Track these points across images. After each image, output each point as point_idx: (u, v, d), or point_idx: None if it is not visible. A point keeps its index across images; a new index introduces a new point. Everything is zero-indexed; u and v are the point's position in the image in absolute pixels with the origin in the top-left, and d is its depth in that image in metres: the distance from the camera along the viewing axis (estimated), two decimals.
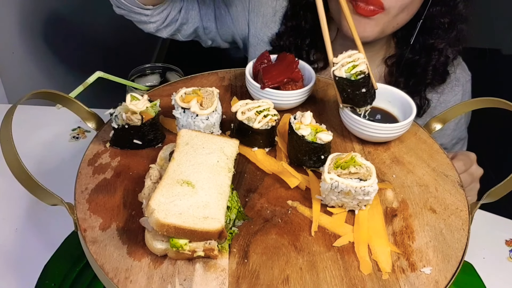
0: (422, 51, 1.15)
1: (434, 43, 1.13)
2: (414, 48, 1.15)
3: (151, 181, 0.69)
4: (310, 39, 1.20)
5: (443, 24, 1.11)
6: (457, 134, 1.29)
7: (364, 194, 0.68)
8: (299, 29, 1.20)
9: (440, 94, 1.22)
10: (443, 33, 1.13)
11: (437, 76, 1.18)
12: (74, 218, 0.67)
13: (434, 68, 1.16)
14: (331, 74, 0.80)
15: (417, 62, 1.16)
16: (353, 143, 0.85)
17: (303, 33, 1.20)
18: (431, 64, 1.15)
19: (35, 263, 0.87)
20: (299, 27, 1.19)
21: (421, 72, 1.17)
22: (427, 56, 1.15)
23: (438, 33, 1.13)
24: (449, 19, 1.11)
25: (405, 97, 0.87)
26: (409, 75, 1.17)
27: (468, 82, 1.26)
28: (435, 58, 1.15)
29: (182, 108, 0.78)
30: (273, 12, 1.24)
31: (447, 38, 1.13)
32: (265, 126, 0.78)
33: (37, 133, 1.21)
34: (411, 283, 0.63)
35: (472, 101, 0.85)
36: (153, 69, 1.14)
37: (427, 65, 1.16)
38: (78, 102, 0.79)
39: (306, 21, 1.18)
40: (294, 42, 1.21)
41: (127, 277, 0.60)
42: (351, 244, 0.67)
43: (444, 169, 0.81)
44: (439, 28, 1.12)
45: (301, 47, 1.20)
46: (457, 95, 1.23)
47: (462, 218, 0.72)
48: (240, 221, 0.69)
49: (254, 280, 0.61)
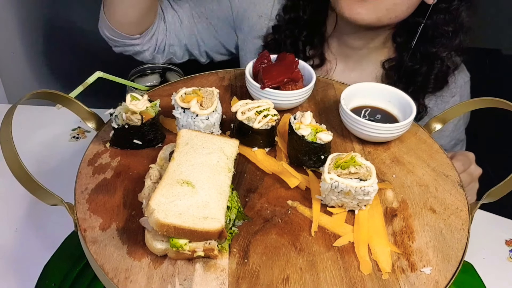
0: (424, 59, 1.15)
1: (437, 52, 1.13)
2: (415, 56, 1.15)
3: (151, 181, 0.69)
4: (307, 32, 1.20)
5: (447, 32, 1.11)
6: (455, 135, 1.29)
7: (364, 194, 0.68)
8: (298, 21, 1.20)
9: (437, 97, 1.22)
10: (446, 42, 1.12)
11: (438, 84, 1.18)
12: (74, 218, 0.67)
13: (436, 77, 1.16)
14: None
15: (417, 71, 1.16)
16: (353, 143, 0.85)
17: (301, 24, 1.20)
18: (433, 73, 1.15)
19: (35, 263, 0.87)
20: (298, 18, 1.19)
21: (422, 81, 1.16)
22: (429, 65, 1.15)
23: (442, 42, 1.12)
24: (452, 27, 1.11)
25: (405, 97, 0.87)
26: (409, 82, 1.17)
27: (466, 83, 1.26)
28: (437, 67, 1.15)
29: (182, 108, 0.78)
30: (258, 16, 1.24)
31: (450, 47, 1.13)
32: (265, 126, 0.78)
33: (37, 133, 1.21)
34: (411, 283, 0.63)
35: (472, 101, 0.85)
36: (153, 69, 1.14)
37: (429, 74, 1.15)
38: (78, 102, 0.79)
39: (305, 12, 1.18)
40: (291, 35, 1.21)
41: (127, 277, 0.60)
42: (351, 244, 0.67)
43: (444, 169, 0.81)
44: (443, 37, 1.12)
45: (298, 39, 1.20)
46: (455, 96, 1.23)
47: (462, 218, 0.72)
48: (240, 221, 0.69)
49: (254, 280, 0.61)
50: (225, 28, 1.26)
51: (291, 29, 1.21)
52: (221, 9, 1.24)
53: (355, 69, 1.24)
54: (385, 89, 0.89)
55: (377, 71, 1.23)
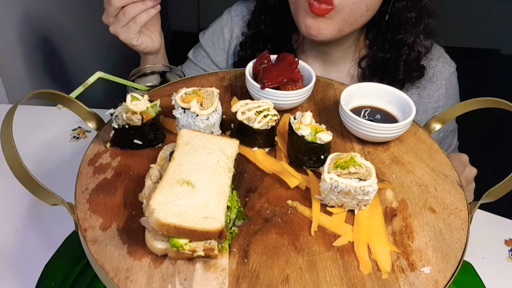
0: (392, 48, 1.17)
1: (403, 38, 1.14)
2: (384, 47, 1.17)
3: (151, 181, 0.69)
4: (271, 44, 1.23)
5: (410, 18, 1.13)
6: (444, 127, 1.30)
7: (363, 194, 0.68)
8: (261, 35, 1.24)
9: (421, 89, 1.23)
10: (410, 28, 1.14)
11: (411, 71, 1.19)
12: (75, 218, 0.67)
13: (406, 63, 1.17)
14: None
15: (388, 60, 1.18)
16: (353, 143, 0.85)
17: (265, 38, 1.24)
18: (402, 59, 1.17)
19: (35, 263, 0.88)
20: (261, 32, 1.23)
21: (393, 69, 1.18)
22: (397, 52, 1.17)
23: (406, 28, 1.14)
24: (415, 13, 1.13)
25: (405, 97, 0.87)
26: (383, 74, 1.19)
27: (452, 74, 1.26)
28: (405, 53, 1.16)
29: (182, 108, 0.78)
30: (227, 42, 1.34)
31: (415, 33, 1.14)
32: (265, 126, 0.78)
33: (38, 133, 1.22)
34: (410, 282, 0.63)
35: (472, 101, 0.85)
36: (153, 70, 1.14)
37: (398, 61, 1.17)
38: (79, 102, 0.79)
39: (267, 26, 1.21)
40: (257, 48, 1.24)
41: (128, 277, 0.60)
42: (350, 244, 0.67)
43: (444, 169, 0.81)
44: (407, 23, 1.13)
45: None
46: (440, 89, 1.24)
47: (462, 218, 0.72)
48: (240, 221, 0.69)
49: (254, 280, 0.61)
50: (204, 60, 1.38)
51: (256, 43, 1.25)
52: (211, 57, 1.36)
53: (333, 71, 1.26)
54: (385, 89, 0.90)
55: (354, 71, 1.25)
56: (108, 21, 1.09)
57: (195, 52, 1.39)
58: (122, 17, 1.06)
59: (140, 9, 1.06)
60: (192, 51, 1.40)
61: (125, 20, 1.07)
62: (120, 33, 1.09)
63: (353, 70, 1.25)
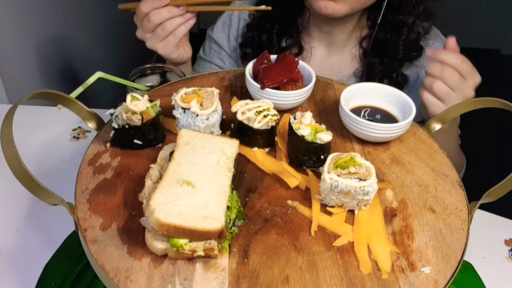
0: (393, 28, 1.20)
1: (403, 19, 1.18)
2: (385, 27, 1.21)
3: (151, 181, 0.69)
4: (279, 25, 1.25)
5: (410, 0, 1.17)
6: None
7: (363, 194, 0.68)
8: (268, 16, 1.25)
9: (420, 68, 1.25)
10: (411, 9, 1.18)
11: (410, 51, 1.22)
12: (75, 218, 0.67)
13: (405, 43, 1.21)
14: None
15: (388, 40, 1.21)
16: (353, 143, 0.85)
17: (272, 19, 1.25)
18: (402, 39, 1.20)
19: (35, 263, 0.87)
20: (268, 13, 1.22)
21: (393, 49, 1.21)
22: (397, 33, 1.20)
23: (406, 9, 1.18)
24: None
25: (405, 97, 0.87)
26: (383, 53, 1.22)
27: None
28: (405, 33, 1.20)
29: (182, 108, 0.78)
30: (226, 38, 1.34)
31: (415, 14, 1.18)
32: (265, 126, 0.78)
33: (38, 133, 1.21)
34: (410, 282, 0.63)
35: (472, 101, 0.85)
36: (153, 70, 1.14)
37: (398, 41, 1.20)
38: (79, 102, 0.79)
39: (275, 8, 1.21)
40: (263, 29, 1.26)
41: (128, 277, 0.60)
42: (350, 244, 0.67)
43: (444, 169, 0.81)
44: (407, 5, 1.17)
45: (271, 33, 1.25)
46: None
47: (462, 218, 0.72)
48: (240, 221, 0.69)
49: (254, 280, 0.61)
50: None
51: (263, 24, 1.26)
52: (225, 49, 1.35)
53: (337, 53, 1.29)
54: (385, 89, 0.90)
55: (355, 51, 1.28)
56: (144, 37, 1.08)
57: (206, 50, 1.37)
58: (161, 32, 1.05)
59: (178, 23, 1.05)
60: (202, 50, 1.38)
61: (164, 35, 1.05)
62: (159, 48, 1.08)
63: (355, 50, 1.28)
